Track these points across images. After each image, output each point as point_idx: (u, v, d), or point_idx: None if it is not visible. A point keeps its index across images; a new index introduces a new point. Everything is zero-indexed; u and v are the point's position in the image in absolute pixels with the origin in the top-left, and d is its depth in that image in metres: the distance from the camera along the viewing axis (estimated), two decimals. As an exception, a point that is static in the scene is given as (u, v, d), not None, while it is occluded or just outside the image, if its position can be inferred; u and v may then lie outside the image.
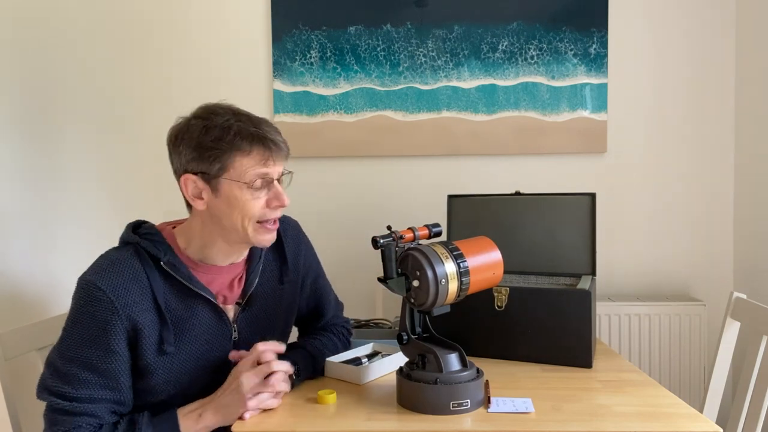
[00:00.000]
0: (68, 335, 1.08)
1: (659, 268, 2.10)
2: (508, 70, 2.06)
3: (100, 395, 1.07)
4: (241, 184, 1.10)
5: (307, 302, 1.39)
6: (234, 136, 1.09)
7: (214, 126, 1.10)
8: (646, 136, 2.08)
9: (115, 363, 1.07)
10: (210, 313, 1.17)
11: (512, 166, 2.10)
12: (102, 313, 1.06)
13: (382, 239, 1.12)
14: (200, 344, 1.16)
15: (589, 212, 1.58)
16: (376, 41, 2.07)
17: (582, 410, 1.08)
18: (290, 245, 1.32)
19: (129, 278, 1.09)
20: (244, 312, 1.22)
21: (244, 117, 1.13)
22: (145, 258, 1.12)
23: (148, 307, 1.10)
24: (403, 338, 1.15)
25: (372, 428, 1.02)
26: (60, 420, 1.05)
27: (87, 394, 1.06)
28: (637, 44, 2.07)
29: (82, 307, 1.07)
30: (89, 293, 1.07)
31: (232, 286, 1.21)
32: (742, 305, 1.46)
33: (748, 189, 2.01)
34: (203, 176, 1.11)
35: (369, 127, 2.08)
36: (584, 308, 1.34)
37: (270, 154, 1.12)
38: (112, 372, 1.07)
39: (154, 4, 2.11)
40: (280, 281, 1.28)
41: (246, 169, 1.10)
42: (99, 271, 1.09)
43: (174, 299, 1.13)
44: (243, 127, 1.10)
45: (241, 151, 1.09)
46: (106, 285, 1.06)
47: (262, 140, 1.11)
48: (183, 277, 1.13)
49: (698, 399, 1.93)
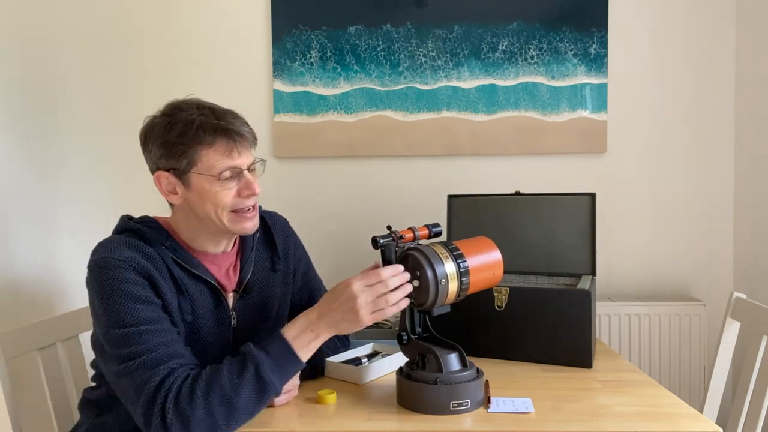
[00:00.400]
0: (106, 312, 1.03)
1: (659, 268, 2.10)
2: (508, 70, 2.06)
3: (171, 338, 1.03)
4: (210, 177, 1.10)
5: (300, 295, 1.39)
6: (197, 130, 1.09)
7: (178, 122, 1.10)
8: (646, 136, 2.08)
9: (161, 313, 1.05)
10: (211, 297, 1.17)
11: (512, 166, 2.10)
12: (129, 274, 1.04)
13: (382, 239, 1.12)
14: (207, 324, 1.16)
15: (589, 212, 1.58)
16: (376, 41, 2.07)
17: (582, 410, 1.08)
18: (279, 236, 1.34)
19: (138, 253, 1.08)
20: (242, 299, 1.23)
21: (207, 110, 1.13)
22: (147, 239, 1.12)
23: (164, 276, 1.09)
24: (403, 338, 1.15)
25: (372, 428, 1.02)
26: (146, 376, 0.97)
27: (158, 340, 1.00)
28: (637, 44, 2.07)
29: (106, 280, 1.04)
30: (109, 265, 1.04)
31: (228, 275, 1.22)
32: (742, 305, 1.46)
33: (748, 189, 2.01)
34: (174, 172, 1.12)
35: (369, 127, 2.08)
36: (584, 308, 1.34)
37: (234, 145, 1.11)
38: (165, 319, 1.05)
39: (154, 4, 2.11)
40: (273, 269, 1.30)
41: (213, 163, 1.10)
42: (108, 249, 1.07)
43: (184, 275, 1.14)
44: (205, 121, 1.10)
45: (204, 145, 1.09)
46: (121, 256, 1.05)
47: (224, 132, 1.10)
48: (184, 260, 1.14)
49: (698, 399, 1.92)
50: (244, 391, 0.98)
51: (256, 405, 1.00)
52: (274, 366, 1.01)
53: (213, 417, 0.96)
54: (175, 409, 0.95)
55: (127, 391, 1.00)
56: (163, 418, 0.95)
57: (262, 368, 0.99)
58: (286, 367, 1.03)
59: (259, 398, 1.00)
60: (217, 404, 0.96)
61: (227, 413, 0.97)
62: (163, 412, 0.95)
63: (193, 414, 0.95)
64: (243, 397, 0.98)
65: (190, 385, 0.97)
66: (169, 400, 0.96)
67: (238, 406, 0.97)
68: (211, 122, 1.10)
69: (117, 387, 1.04)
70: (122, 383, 1.01)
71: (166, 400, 0.96)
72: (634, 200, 2.09)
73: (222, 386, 0.97)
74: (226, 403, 0.97)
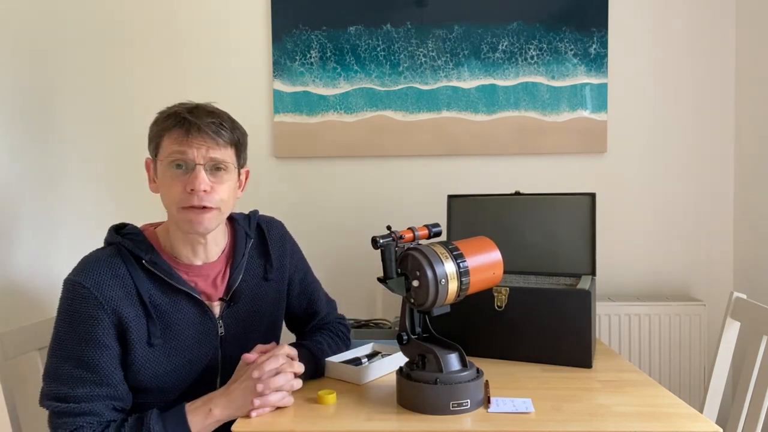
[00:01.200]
0: (58, 335, 1.09)
1: (659, 268, 2.10)
2: (508, 70, 2.06)
3: (98, 392, 1.07)
4: (164, 164, 1.14)
5: (298, 301, 1.39)
6: (166, 118, 1.15)
7: (162, 113, 1.17)
8: (646, 136, 2.08)
9: (107, 357, 1.08)
10: (194, 309, 1.18)
11: (512, 166, 2.10)
12: (88, 308, 1.08)
13: (381, 239, 1.12)
14: (186, 339, 1.17)
15: (589, 212, 1.58)
16: (376, 41, 2.07)
17: (582, 410, 1.08)
18: (275, 243, 1.33)
19: (111, 275, 1.11)
20: (230, 308, 1.24)
21: (190, 104, 1.17)
22: (127, 256, 1.14)
23: (133, 302, 1.12)
24: (403, 338, 1.15)
25: (372, 428, 1.02)
26: (62, 423, 1.05)
27: (84, 392, 1.06)
28: (637, 44, 2.07)
29: (69, 306, 1.09)
30: (74, 291, 1.09)
31: (215, 284, 1.23)
32: (742, 305, 1.46)
33: (748, 189, 2.01)
34: (152, 160, 1.19)
35: (369, 127, 2.08)
36: (584, 308, 1.34)
37: (186, 136, 1.12)
38: (105, 367, 1.08)
39: (154, 5, 2.11)
40: (265, 278, 1.30)
41: (167, 149, 1.14)
42: (81, 270, 1.11)
43: (158, 294, 1.15)
44: (176, 111, 1.14)
45: (166, 131, 1.14)
46: (89, 282, 1.09)
47: (182, 121, 1.12)
48: (165, 274, 1.15)
49: (698, 399, 1.92)
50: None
51: None
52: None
53: None
54: None
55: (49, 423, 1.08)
56: None
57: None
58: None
59: None
60: None
61: None
62: None
63: None
64: None
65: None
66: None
67: None
68: (180, 114, 1.13)
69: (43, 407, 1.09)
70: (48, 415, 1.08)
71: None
72: (634, 200, 2.09)
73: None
74: None
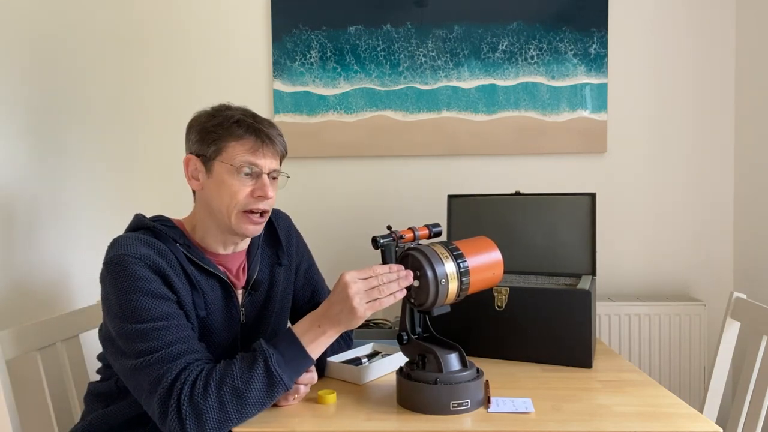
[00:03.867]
0: (122, 308, 1.05)
1: (659, 268, 2.10)
2: (508, 70, 2.06)
3: (186, 334, 1.06)
4: (231, 167, 1.15)
5: (302, 291, 1.41)
6: (232, 123, 1.17)
7: (220, 115, 1.19)
8: (646, 136, 2.08)
9: (176, 309, 1.08)
10: (223, 293, 1.20)
11: (512, 166, 2.10)
12: (144, 271, 1.07)
13: (382, 239, 1.12)
14: (217, 321, 1.19)
15: (589, 212, 1.58)
16: (376, 41, 2.07)
17: (582, 410, 1.08)
18: (283, 232, 1.37)
19: (153, 252, 1.10)
20: (250, 296, 1.26)
21: (250, 113, 1.21)
22: (163, 235, 1.15)
23: (178, 273, 1.12)
24: (403, 338, 1.15)
25: (372, 428, 1.02)
26: (161, 371, 1.00)
27: (173, 336, 1.03)
28: (637, 44, 2.07)
29: (123, 276, 1.06)
30: (126, 262, 1.06)
31: (238, 274, 1.26)
32: (742, 305, 1.46)
33: (749, 189, 2.01)
34: (202, 158, 1.18)
35: (369, 127, 2.08)
36: (584, 308, 1.34)
37: (260, 146, 1.17)
38: (180, 316, 1.08)
39: (154, 5, 2.11)
40: (279, 263, 1.33)
41: (237, 154, 1.15)
42: (123, 246, 1.09)
43: (196, 272, 1.16)
44: (242, 119, 1.18)
45: (234, 137, 1.16)
46: (137, 253, 1.08)
47: (255, 131, 1.17)
48: (197, 257, 1.17)
49: (698, 399, 1.92)
50: (255, 385, 1.01)
51: (266, 399, 1.03)
52: (282, 361, 1.03)
53: (225, 410, 0.99)
54: (190, 401, 0.98)
55: (142, 385, 1.02)
56: (179, 410, 0.98)
57: (272, 363, 1.02)
58: (295, 362, 1.05)
59: (269, 392, 1.02)
60: (229, 398, 1.00)
61: (238, 406, 1.00)
62: (179, 404, 0.98)
63: (207, 406, 0.98)
64: (254, 391, 1.01)
65: (204, 379, 1.00)
66: (184, 393, 0.99)
67: (248, 399, 1.00)
68: (247, 121, 1.17)
69: (129, 381, 1.06)
70: (137, 377, 1.03)
71: (182, 393, 0.99)
72: (634, 200, 2.09)
73: (234, 380, 1.00)
74: (237, 396, 1.00)
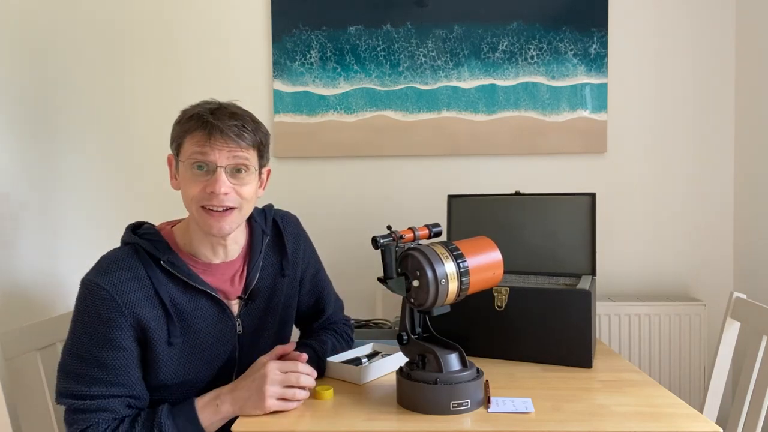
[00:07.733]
0: (75, 335, 1.09)
1: (659, 268, 2.10)
2: (508, 70, 2.06)
3: (114, 391, 1.08)
4: (185, 164, 1.14)
5: (307, 297, 1.40)
6: (189, 119, 1.14)
7: (186, 112, 1.16)
8: (646, 136, 2.08)
9: (124, 359, 1.09)
10: (213, 308, 1.19)
11: (512, 166, 2.10)
12: (106, 311, 1.08)
13: (382, 239, 1.12)
14: (206, 338, 1.18)
15: (589, 212, 1.58)
16: (376, 41, 2.07)
17: (582, 410, 1.08)
18: (290, 240, 1.34)
19: (130, 276, 1.11)
20: (247, 306, 1.25)
21: (213, 105, 1.15)
22: (145, 256, 1.14)
23: (152, 303, 1.12)
24: (403, 338, 1.15)
25: (372, 428, 1.02)
26: (77, 419, 1.06)
27: (100, 390, 1.07)
28: (637, 44, 2.07)
29: (87, 307, 1.09)
30: (92, 293, 1.09)
31: (233, 282, 1.23)
32: (742, 305, 1.46)
33: (749, 189, 2.01)
34: (175, 157, 1.19)
35: (369, 127, 2.08)
36: (584, 308, 1.34)
37: (207, 139, 1.11)
38: (123, 367, 1.09)
39: (154, 5, 2.11)
40: (282, 274, 1.30)
41: (189, 151, 1.13)
42: (100, 271, 1.11)
43: (178, 294, 1.15)
44: (199, 112, 1.13)
45: (188, 132, 1.13)
46: (107, 284, 1.08)
47: (204, 124, 1.11)
48: (183, 274, 1.15)
49: (698, 399, 1.93)
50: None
51: None
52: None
53: None
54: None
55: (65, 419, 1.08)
56: None
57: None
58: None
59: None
60: None
61: None
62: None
63: None
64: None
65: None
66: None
67: None
68: (202, 114, 1.12)
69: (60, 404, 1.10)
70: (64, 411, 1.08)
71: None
72: (634, 200, 2.09)
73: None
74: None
